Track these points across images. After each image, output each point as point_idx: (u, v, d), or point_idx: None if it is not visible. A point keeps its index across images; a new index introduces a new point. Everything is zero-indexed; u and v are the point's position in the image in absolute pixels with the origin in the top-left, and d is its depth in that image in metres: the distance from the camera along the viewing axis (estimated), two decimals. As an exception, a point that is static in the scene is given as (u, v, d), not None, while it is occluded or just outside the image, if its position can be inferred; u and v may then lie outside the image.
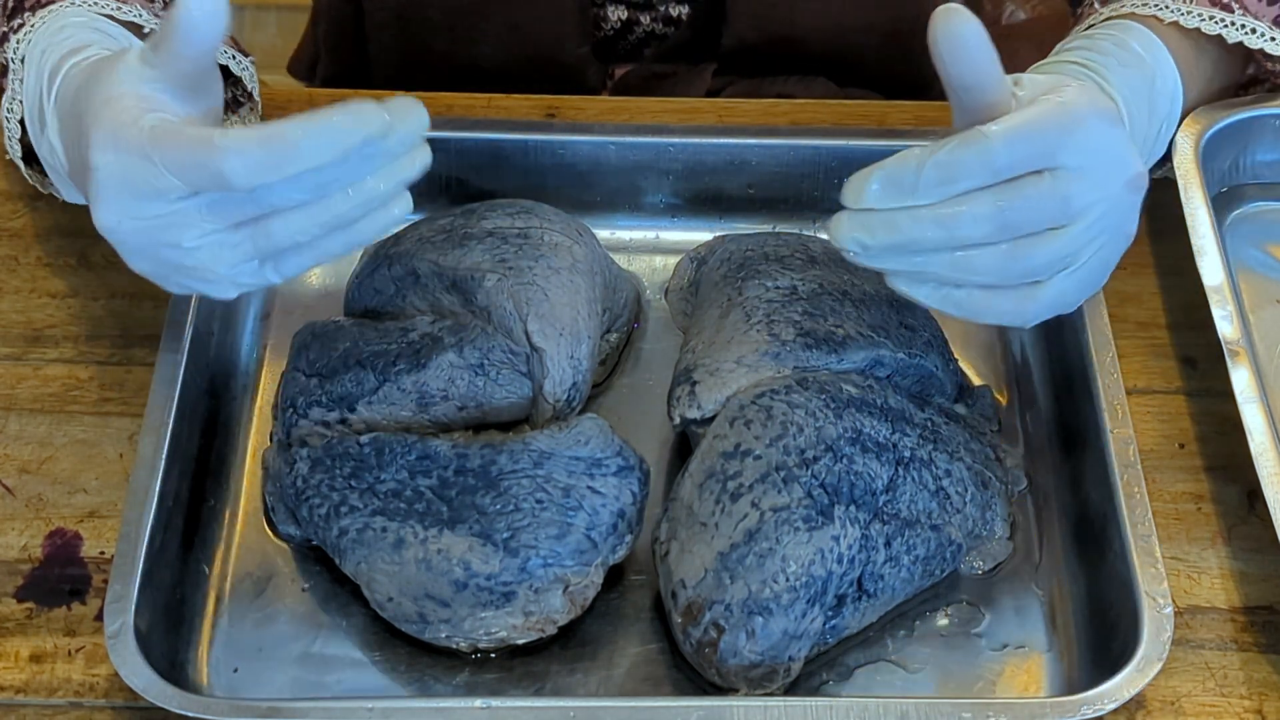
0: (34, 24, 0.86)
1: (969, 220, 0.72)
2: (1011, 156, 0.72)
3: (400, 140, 0.73)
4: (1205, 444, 0.89)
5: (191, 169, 0.71)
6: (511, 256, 0.87)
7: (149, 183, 0.72)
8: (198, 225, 0.73)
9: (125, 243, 0.75)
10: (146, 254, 0.76)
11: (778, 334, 0.84)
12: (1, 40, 0.89)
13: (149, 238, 0.74)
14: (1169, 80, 0.89)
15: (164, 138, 0.72)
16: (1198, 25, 0.90)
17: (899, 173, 0.72)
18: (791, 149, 0.98)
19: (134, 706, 0.77)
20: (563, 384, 0.85)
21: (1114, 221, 0.76)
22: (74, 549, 0.83)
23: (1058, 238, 0.74)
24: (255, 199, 0.72)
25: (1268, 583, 0.83)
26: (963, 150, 0.71)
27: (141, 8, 0.89)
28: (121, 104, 0.74)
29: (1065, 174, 0.73)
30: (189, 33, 0.73)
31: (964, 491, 0.82)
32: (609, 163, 0.98)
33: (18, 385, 0.90)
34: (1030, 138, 0.72)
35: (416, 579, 0.77)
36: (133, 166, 0.72)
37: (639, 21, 1.14)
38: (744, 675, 0.77)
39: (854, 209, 0.73)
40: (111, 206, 0.74)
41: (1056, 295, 0.76)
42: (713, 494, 0.79)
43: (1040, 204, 0.73)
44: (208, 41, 0.74)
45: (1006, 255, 0.74)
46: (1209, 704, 0.79)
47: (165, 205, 0.73)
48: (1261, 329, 0.93)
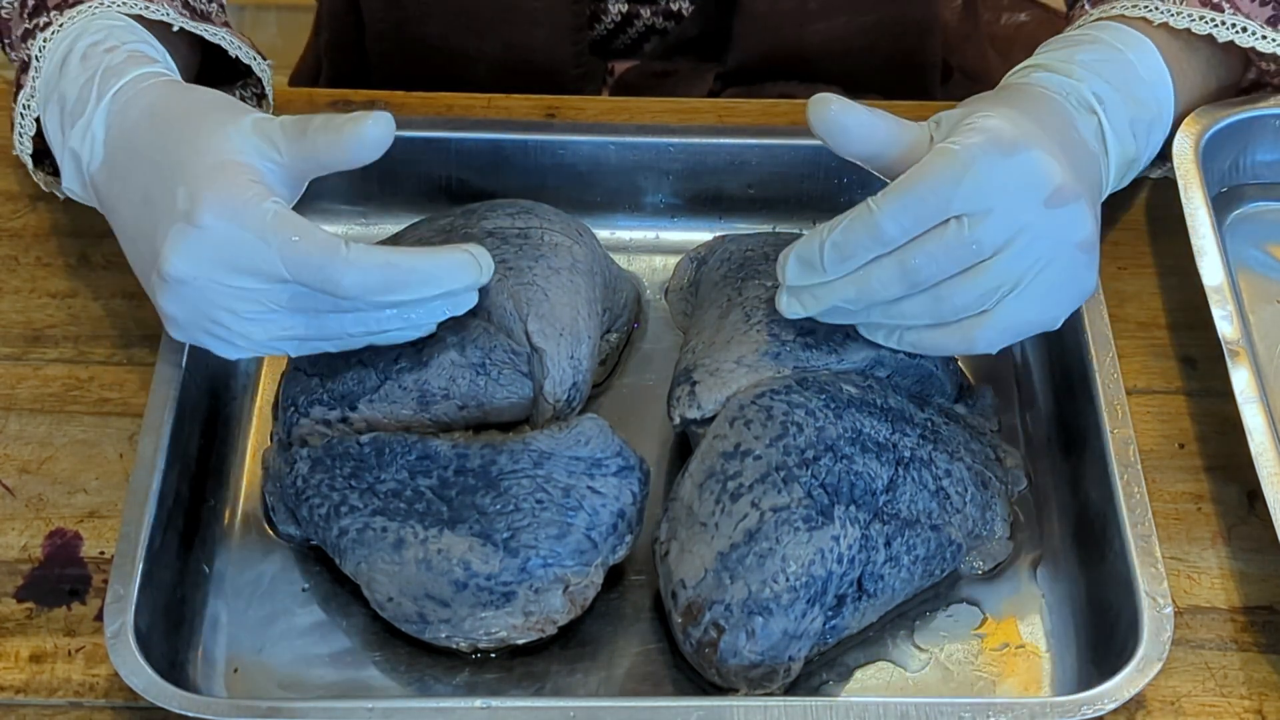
0: (62, 22, 0.86)
1: (879, 284, 0.77)
2: (900, 226, 0.76)
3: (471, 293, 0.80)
4: (1205, 444, 0.89)
5: (310, 269, 0.74)
6: (511, 256, 0.87)
7: (252, 261, 0.75)
8: (267, 304, 0.77)
9: (182, 293, 0.77)
10: (194, 307, 0.78)
11: (778, 334, 0.84)
12: (24, 37, 0.89)
13: (212, 298, 0.77)
14: (1151, 70, 0.88)
15: (292, 228, 0.75)
16: (1187, 25, 0.90)
17: (807, 254, 0.78)
18: (791, 149, 0.98)
19: (134, 706, 0.77)
20: (563, 384, 0.85)
21: (1048, 240, 0.77)
22: (74, 549, 0.83)
23: (978, 275, 0.77)
24: (335, 300, 0.76)
25: (1268, 583, 0.83)
26: (853, 229, 0.76)
27: (168, 6, 0.89)
28: (237, 175, 0.76)
29: (968, 219, 0.75)
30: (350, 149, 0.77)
31: (964, 491, 0.82)
32: (609, 163, 0.98)
33: (18, 385, 0.90)
34: (916, 202, 0.75)
35: (416, 579, 0.77)
36: (244, 242, 0.75)
37: (639, 15, 1.14)
38: (744, 675, 0.77)
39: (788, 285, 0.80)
40: (198, 263, 0.76)
41: (1009, 320, 0.79)
42: (713, 494, 0.79)
43: (947, 254, 0.76)
44: (366, 161, 0.78)
45: (931, 300, 0.78)
46: (1209, 704, 0.79)
47: (253, 282, 0.76)
48: (1261, 329, 0.93)
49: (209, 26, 0.92)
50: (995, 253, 0.76)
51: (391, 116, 0.77)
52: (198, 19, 0.92)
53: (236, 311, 0.77)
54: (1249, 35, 0.91)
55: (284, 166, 0.78)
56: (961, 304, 0.78)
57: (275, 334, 0.78)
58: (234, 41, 0.93)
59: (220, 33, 0.93)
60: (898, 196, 0.75)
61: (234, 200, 0.75)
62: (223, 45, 0.93)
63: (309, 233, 0.75)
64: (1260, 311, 0.94)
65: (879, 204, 0.75)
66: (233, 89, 0.99)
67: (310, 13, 1.28)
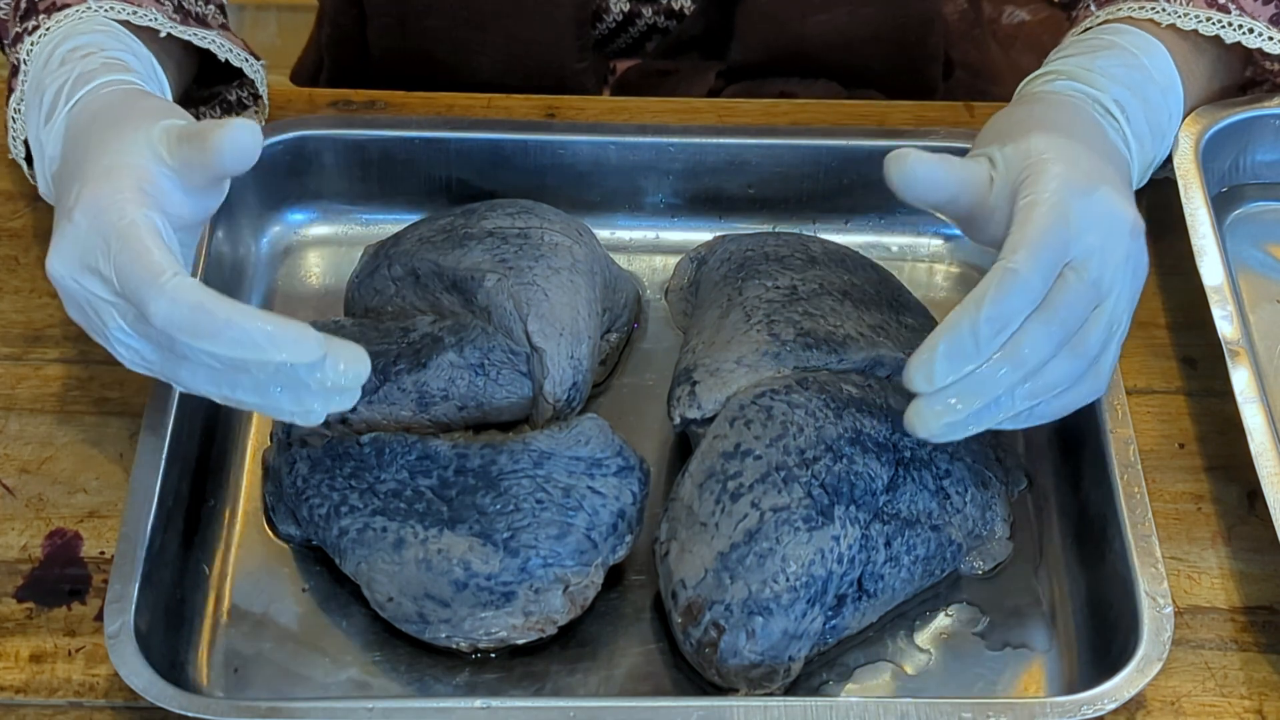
0: (49, 27, 0.86)
1: (1031, 349, 0.74)
2: (1041, 278, 0.74)
3: (322, 382, 0.73)
4: (1205, 444, 0.89)
5: (129, 285, 0.73)
6: (511, 256, 0.87)
7: (97, 265, 0.74)
8: (120, 320, 0.75)
9: (63, 293, 0.78)
10: (77, 311, 0.78)
11: (778, 334, 0.84)
12: (15, 41, 0.89)
13: (81, 303, 0.77)
14: (1164, 74, 0.89)
15: (129, 243, 0.73)
16: (1194, 26, 0.90)
17: (957, 342, 0.73)
18: (791, 149, 0.98)
19: (134, 706, 0.77)
20: (563, 384, 0.85)
21: (1132, 272, 0.78)
22: (74, 549, 0.83)
23: (1102, 316, 0.76)
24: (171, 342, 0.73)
25: (1268, 583, 0.83)
26: (1005, 295, 0.73)
27: (156, 10, 0.89)
28: (123, 178, 0.76)
29: (1083, 263, 0.75)
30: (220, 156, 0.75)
31: (964, 491, 0.82)
32: (609, 163, 0.98)
33: (18, 385, 0.90)
34: (1045, 250, 0.74)
35: (416, 579, 0.77)
36: (96, 247, 0.74)
37: (641, 14, 1.14)
38: (744, 675, 0.77)
39: (928, 394, 0.73)
40: (66, 262, 0.76)
41: (1113, 361, 0.79)
42: (713, 494, 0.79)
43: (1080, 299, 0.75)
44: (235, 170, 0.76)
45: (1070, 358, 0.75)
46: (1209, 704, 0.79)
47: (103, 291, 0.75)
48: (1261, 329, 0.93)
49: (198, 31, 0.92)
50: (1109, 291, 0.76)
51: (258, 125, 0.75)
52: (191, 21, 0.92)
53: (104, 324, 0.76)
54: (1256, 36, 0.91)
55: (176, 173, 0.77)
56: (1091, 351, 0.76)
57: (136, 361, 0.77)
58: (224, 44, 0.93)
59: (210, 36, 0.92)
60: (1030, 250, 0.74)
61: (102, 200, 0.75)
62: (211, 49, 0.92)
63: (144, 250, 0.73)
64: (1260, 311, 0.94)
65: (1019, 263, 0.73)
66: (229, 89, 0.99)
67: (311, 13, 1.28)
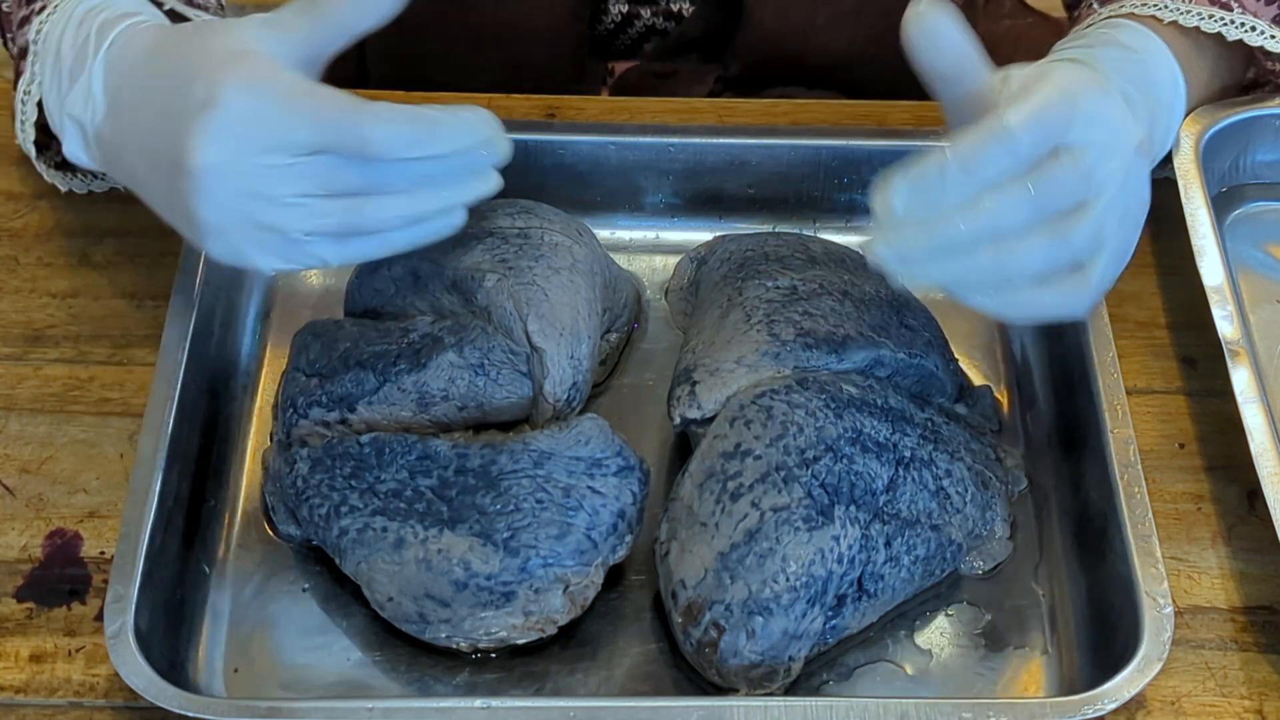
0: (58, 3, 0.86)
1: (1004, 208, 0.70)
2: (1033, 141, 0.70)
3: (494, 153, 0.78)
4: (1205, 444, 0.89)
5: (336, 128, 0.73)
6: (511, 256, 0.87)
7: (278, 133, 0.73)
8: (301, 184, 0.74)
9: (215, 185, 0.75)
10: (229, 203, 0.75)
11: (778, 334, 0.84)
12: (21, 23, 0.89)
13: (245, 184, 0.75)
14: (1166, 70, 0.88)
15: (314, 93, 0.73)
16: (1196, 24, 0.90)
17: (923, 175, 0.70)
18: (791, 149, 0.98)
19: (134, 706, 0.77)
20: (563, 384, 0.85)
21: (1131, 189, 0.75)
22: (74, 549, 0.83)
23: (1089, 211, 0.73)
24: (368, 175, 0.74)
25: (1268, 583, 0.83)
26: (985, 141, 0.70)
27: None
28: (257, 60, 0.75)
29: (1080, 150, 0.72)
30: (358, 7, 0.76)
31: (964, 491, 0.82)
32: (609, 163, 0.98)
33: (18, 385, 0.90)
34: (1044, 119, 0.71)
35: (416, 579, 0.77)
36: (267, 114, 0.73)
37: (640, 15, 1.14)
38: (744, 675, 0.77)
39: (886, 224, 0.71)
40: (225, 146, 0.74)
41: (1100, 277, 0.75)
42: (713, 494, 0.79)
43: (1066, 182, 0.72)
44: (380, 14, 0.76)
45: (1048, 240, 0.72)
46: (1209, 704, 0.79)
47: (283, 157, 0.74)
48: (1261, 329, 0.93)
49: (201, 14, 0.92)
50: (1101, 190, 0.73)
51: None
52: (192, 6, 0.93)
53: (273, 197, 0.74)
54: (1257, 34, 0.91)
55: (298, 44, 0.77)
56: (1075, 244, 0.73)
57: (318, 225, 0.76)
58: None
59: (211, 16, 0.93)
60: (1030, 110, 0.70)
61: (252, 76, 0.74)
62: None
63: (330, 94, 0.73)
64: (1260, 311, 0.94)
65: (1010, 117, 0.70)
66: None
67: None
